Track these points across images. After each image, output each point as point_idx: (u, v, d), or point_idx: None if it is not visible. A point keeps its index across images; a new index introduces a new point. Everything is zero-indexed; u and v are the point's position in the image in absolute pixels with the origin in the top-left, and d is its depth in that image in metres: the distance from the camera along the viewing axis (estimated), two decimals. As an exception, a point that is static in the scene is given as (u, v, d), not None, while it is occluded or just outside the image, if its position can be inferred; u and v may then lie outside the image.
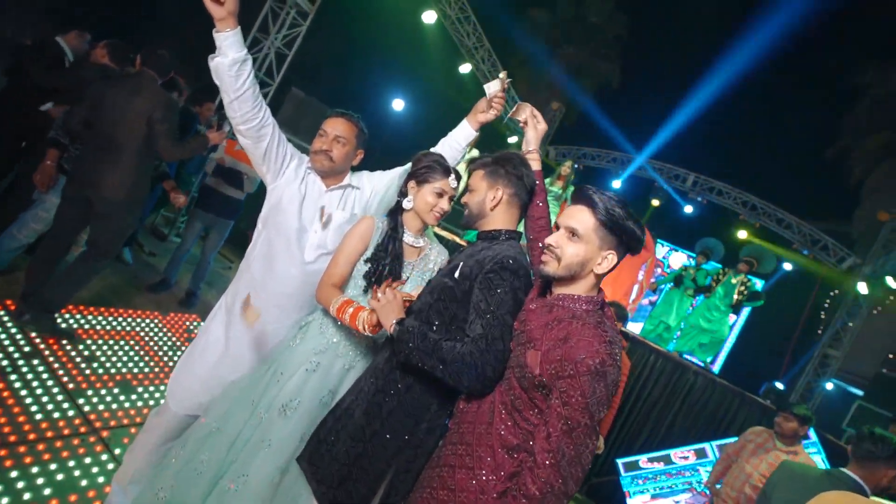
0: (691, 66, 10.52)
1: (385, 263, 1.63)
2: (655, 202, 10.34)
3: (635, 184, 11.02)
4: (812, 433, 3.65)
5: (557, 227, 1.31)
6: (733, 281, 5.22)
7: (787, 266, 9.14)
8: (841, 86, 10.34)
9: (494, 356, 1.30)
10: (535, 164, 1.71)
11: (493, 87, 1.82)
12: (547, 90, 13.43)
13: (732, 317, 8.22)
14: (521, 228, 1.69)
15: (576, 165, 9.99)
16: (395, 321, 1.40)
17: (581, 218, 1.26)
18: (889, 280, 7.13)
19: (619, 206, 1.24)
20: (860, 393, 8.10)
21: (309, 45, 6.77)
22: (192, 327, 3.65)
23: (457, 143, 1.90)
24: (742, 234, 9.67)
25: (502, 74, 1.82)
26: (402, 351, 1.37)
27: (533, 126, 1.78)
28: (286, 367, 1.56)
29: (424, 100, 10.49)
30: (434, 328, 1.45)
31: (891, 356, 10.85)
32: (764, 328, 10.16)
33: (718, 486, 3.27)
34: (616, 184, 11.07)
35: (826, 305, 10.61)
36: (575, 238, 1.25)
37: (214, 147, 3.81)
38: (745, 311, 10.06)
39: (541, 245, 1.69)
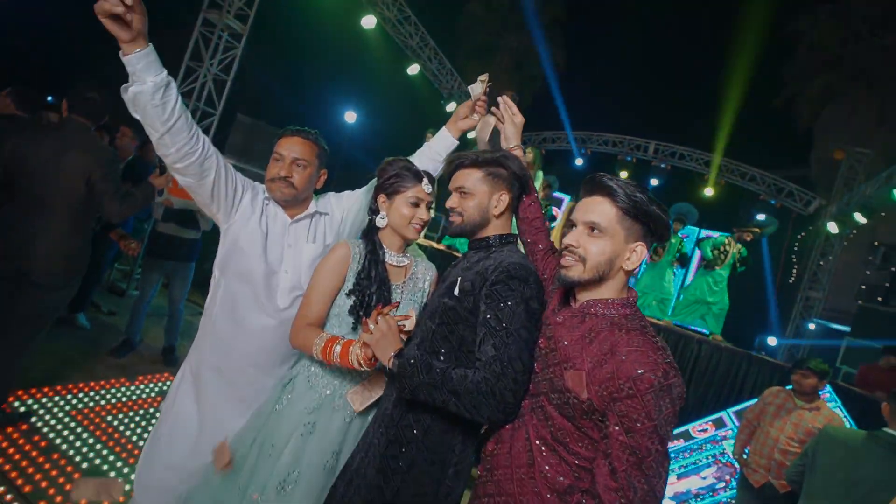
0: (633, 37, 10.61)
1: (371, 292, 1.41)
2: (624, 174, 10.38)
3: (599, 160, 11.08)
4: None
5: (572, 225, 1.13)
6: (734, 250, 5.17)
7: (761, 216, 9.28)
8: (778, 36, 10.62)
9: (513, 379, 1.11)
10: None
11: (476, 90, 1.66)
12: (497, 81, 13.38)
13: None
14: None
15: (539, 150, 9.96)
16: (393, 354, 1.20)
17: (601, 210, 1.07)
18: (857, 216, 7.29)
19: (639, 191, 1.06)
20: (847, 329, 8.30)
21: (248, 68, 6.45)
22: (165, 388, 3.32)
23: (437, 155, 1.70)
24: (709, 192, 9.83)
25: (483, 77, 1.66)
26: (405, 387, 1.17)
27: (510, 120, 1.62)
28: (276, 436, 1.32)
29: (377, 107, 10.25)
30: (441, 357, 1.25)
31: (863, 287, 11.23)
32: (744, 283, 10.33)
33: (745, 456, 3.17)
34: (579, 161, 11.12)
35: (796, 249, 10.88)
36: (597, 233, 1.07)
37: (161, 191, 3.49)
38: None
39: (541, 247, 1.51)
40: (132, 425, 2.77)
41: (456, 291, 1.28)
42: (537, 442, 1.09)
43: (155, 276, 3.81)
